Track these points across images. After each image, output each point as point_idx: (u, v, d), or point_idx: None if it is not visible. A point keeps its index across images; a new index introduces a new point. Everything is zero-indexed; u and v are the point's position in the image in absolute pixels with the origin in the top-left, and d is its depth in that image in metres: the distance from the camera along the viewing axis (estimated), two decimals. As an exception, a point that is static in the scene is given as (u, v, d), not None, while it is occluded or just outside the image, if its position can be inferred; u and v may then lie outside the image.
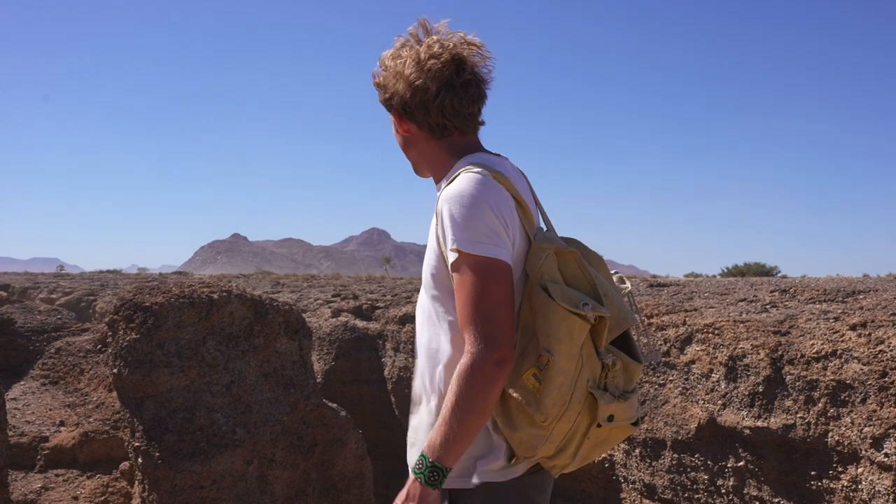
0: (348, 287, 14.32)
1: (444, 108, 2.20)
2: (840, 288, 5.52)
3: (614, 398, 2.10)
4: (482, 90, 2.27)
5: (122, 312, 5.38)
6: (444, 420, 2.01)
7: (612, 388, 2.11)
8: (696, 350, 4.94)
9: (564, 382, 2.02)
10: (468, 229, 2.03)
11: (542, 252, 2.10)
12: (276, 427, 5.48)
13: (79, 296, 18.83)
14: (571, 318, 2.01)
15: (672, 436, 5.00)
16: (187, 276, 25.80)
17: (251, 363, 5.54)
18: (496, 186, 2.10)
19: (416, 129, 2.28)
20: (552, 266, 2.09)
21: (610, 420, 2.10)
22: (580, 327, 2.03)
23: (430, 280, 2.21)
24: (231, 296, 5.62)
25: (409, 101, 2.23)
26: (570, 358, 2.02)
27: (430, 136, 2.28)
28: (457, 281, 2.06)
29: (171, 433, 5.12)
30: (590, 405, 2.08)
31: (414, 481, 2.04)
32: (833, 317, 4.47)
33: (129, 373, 5.17)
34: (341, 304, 11.36)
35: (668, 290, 6.89)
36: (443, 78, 2.18)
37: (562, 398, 2.03)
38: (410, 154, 2.37)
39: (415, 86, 2.20)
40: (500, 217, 2.07)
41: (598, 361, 2.08)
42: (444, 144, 2.29)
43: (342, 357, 10.00)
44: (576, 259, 2.12)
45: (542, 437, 2.05)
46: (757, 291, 5.96)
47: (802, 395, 4.21)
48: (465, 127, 2.27)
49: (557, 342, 2.00)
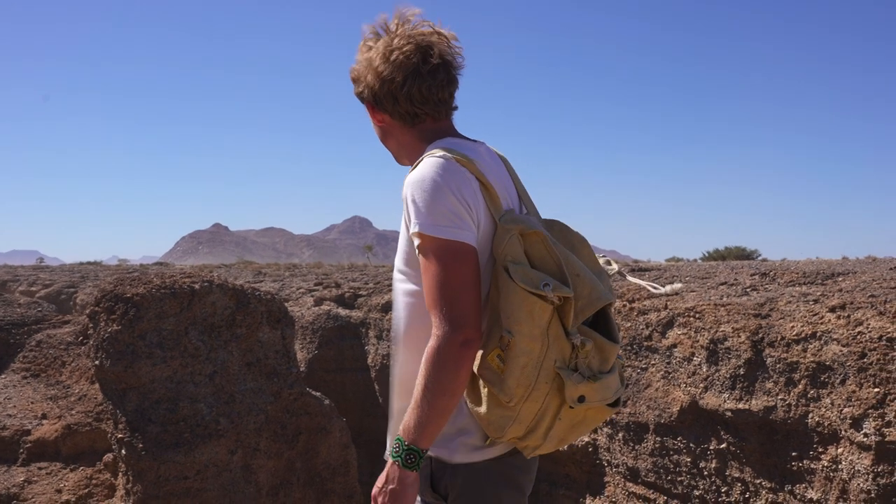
0: (330, 276, 14.29)
1: (412, 95, 2.23)
2: (819, 271, 5.56)
3: (584, 378, 2.09)
4: (452, 75, 2.28)
5: (104, 304, 5.35)
6: (416, 403, 2.02)
7: (584, 368, 2.10)
8: (677, 334, 4.97)
9: (528, 363, 2.03)
10: (430, 213, 2.05)
11: (507, 234, 2.11)
12: (260, 416, 5.47)
13: (59, 288, 18.71)
14: (532, 299, 2.02)
15: (655, 419, 5.03)
16: (168, 266, 25.68)
17: (234, 353, 5.53)
18: (458, 169, 2.11)
19: (389, 118, 2.31)
20: (516, 247, 2.09)
21: (581, 401, 2.09)
22: (541, 308, 2.03)
23: (402, 265, 2.24)
24: (213, 286, 5.60)
25: (378, 92, 2.26)
26: (532, 339, 2.03)
27: (403, 125, 2.31)
28: (422, 265, 2.08)
29: (155, 424, 5.10)
30: (559, 386, 2.09)
31: (392, 464, 2.05)
32: (812, 299, 4.50)
33: (111, 364, 5.15)
34: (324, 292, 11.34)
35: (649, 274, 6.92)
36: (409, 66, 2.20)
37: (526, 379, 2.04)
38: (389, 144, 2.40)
39: (382, 76, 2.22)
40: (462, 200, 2.08)
41: (567, 342, 2.08)
42: (417, 132, 2.31)
43: (325, 346, 9.99)
44: (542, 239, 2.12)
45: (510, 417, 2.07)
46: (737, 275, 6.00)
47: (783, 378, 4.24)
48: (437, 113, 2.29)
49: (517, 323, 2.02)
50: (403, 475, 2.03)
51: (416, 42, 2.22)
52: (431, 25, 2.28)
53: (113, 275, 15.74)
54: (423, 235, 2.05)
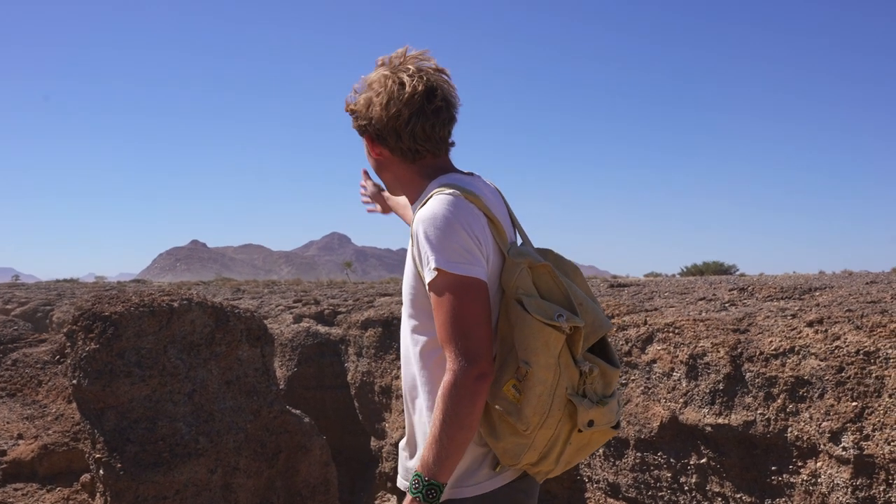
0: (310, 292, 14.24)
1: (415, 133, 2.26)
2: (797, 285, 5.60)
3: (593, 404, 2.16)
4: (452, 114, 2.33)
5: (81, 322, 5.31)
6: (434, 438, 2.05)
7: (591, 393, 2.18)
8: (657, 349, 4.98)
9: (543, 392, 2.08)
10: (444, 250, 2.09)
11: (517, 267, 2.17)
12: (240, 435, 5.43)
13: (35, 306, 18.51)
14: (547, 330, 2.08)
15: (635, 435, 5.04)
16: (146, 283, 25.51)
17: (213, 371, 5.49)
18: (468, 206, 2.15)
19: (389, 153, 2.34)
20: (526, 280, 2.15)
21: (590, 425, 2.17)
22: (556, 338, 2.09)
23: (409, 301, 2.27)
24: (192, 304, 5.57)
25: (382, 128, 2.28)
26: (547, 368, 2.08)
27: (402, 160, 2.34)
28: (435, 301, 2.12)
29: (133, 444, 5.06)
30: (570, 412, 2.15)
31: (412, 501, 2.08)
32: (790, 314, 4.54)
33: (88, 383, 5.10)
34: (303, 309, 11.29)
35: (628, 290, 6.95)
36: (414, 104, 2.24)
37: (541, 407, 2.09)
38: (384, 176, 2.43)
39: (387, 112, 2.25)
40: (473, 236, 2.12)
41: (575, 369, 2.15)
42: (417, 167, 2.34)
43: (305, 363, 9.94)
44: (549, 272, 2.19)
45: (525, 445, 2.12)
46: (716, 290, 6.03)
47: (762, 392, 4.26)
48: (437, 150, 2.33)
49: (534, 354, 2.07)
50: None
51: (422, 81, 2.25)
52: (435, 64, 2.32)
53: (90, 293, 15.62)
54: (438, 271, 2.08)
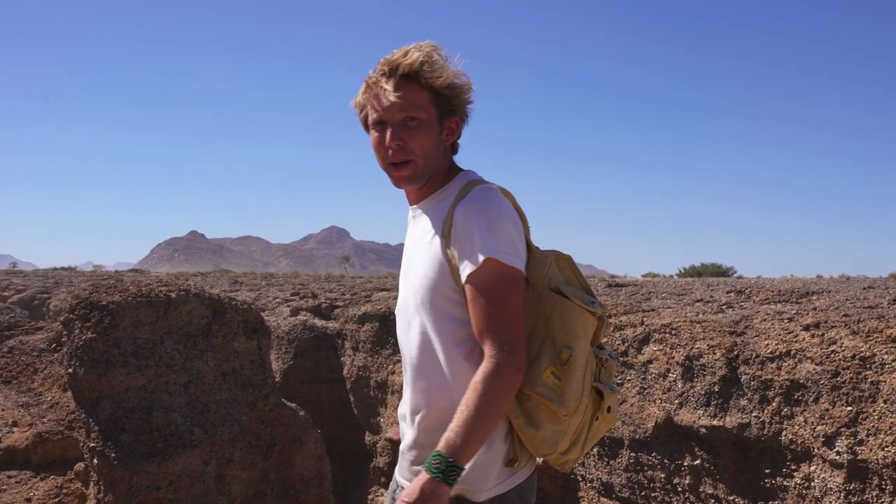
0: (307, 286, 14.24)
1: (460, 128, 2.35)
2: (794, 289, 5.61)
3: (612, 391, 2.26)
4: None
5: (78, 311, 5.31)
6: (465, 422, 2.05)
7: (607, 381, 2.28)
8: (653, 350, 4.99)
9: (581, 377, 2.16)
10: (496, 240, 2.12)
11: (546, 259, 2.23)
12: (235, 427, 5.44)
13: (32, 293, 18.50)
14: (586, 315, 2.17)
15: (629, 435, 5.04)
16: (144, 273, 25.48)
17: (209, 363, 5.50)
18: (506, 200, 2.22)
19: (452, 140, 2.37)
20: (555, 271, 2.23)
21: (608, 411, 2.26)
22: (592, 323, 2.19)
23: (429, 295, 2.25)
24: (189, 295, 5.57)
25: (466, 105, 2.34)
26: (584, 353, 2.17)
27: (447, 150, 2.37)
28: (476, 290, 2.13)
29: (128, 433, 5.06)
30: (592, 399, 2.23)
31: (429, 480, 2.05)
32: (787, 317, 4.54)
33: (84, 372, 5.10)
34: (300, 302, 11.30)
35: (626, 290, 6.95)
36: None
37: (579, 392, 2.17)
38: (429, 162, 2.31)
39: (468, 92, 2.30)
40: (517, 229, 2.19)
41: (594, 358, 2.24)
42: (450, 160, 2.39)
43: (301, 356, 9.95)
44: (570, 264, 2.29)
45: (562, 432, 2.17)
46: (713, 292, 6.03)
47: (757, 395, 4.27)
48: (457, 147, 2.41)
49: (576, 339, 2.14)
50: (441, 491, 2.04)
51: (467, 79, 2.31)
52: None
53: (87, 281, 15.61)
54: (490, 259, 2.10)
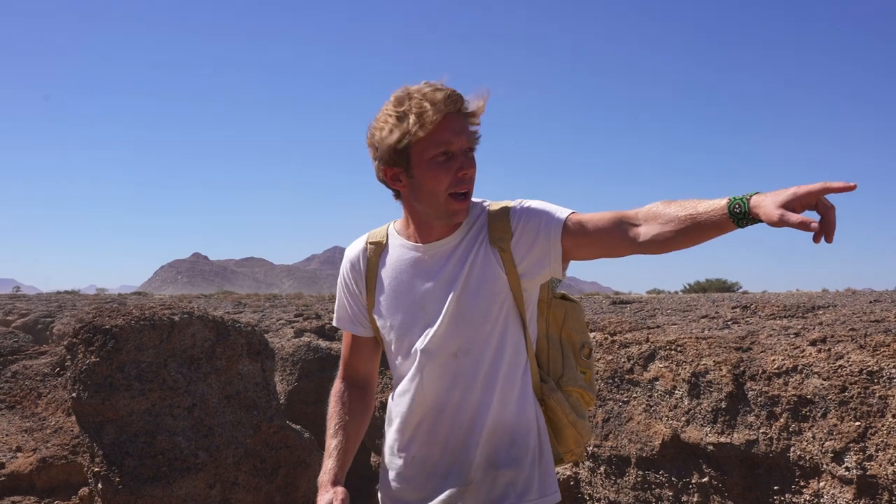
0: (311, 307, 14.24)
1: None
2: (800, 304, 5.60)
3: None
4: None
5: (82, 335, 5.31)
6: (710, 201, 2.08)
7: None
8: (659, 367, 4.98)
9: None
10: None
11: None
12: (239, 450, 5.43)
13: (36, 317, 18.50)
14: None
15: (636, 453, 5.03)
16: (147, 296, 25.48)
17: (213, 385, 5.49)
18: None
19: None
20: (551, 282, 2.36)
21: None
22: None
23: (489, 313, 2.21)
24: (192, 317, 5.58)
25: None
26: None
27: None
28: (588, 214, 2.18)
29: (132, 457, 5.05)
30: None
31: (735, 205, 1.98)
32: (793, 332, 4.53)
33: (88, 396, 5.10)
34: (304, 323, 11.29)
35: (630, 307, 6.95)
36: None
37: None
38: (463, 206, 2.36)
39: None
40: None
41: None
42: None
43: (305, 378, 9.93)
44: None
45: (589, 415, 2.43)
46: (718, 308, 6.03)
47: (764, 411, 4.26)
48: None
49: (587, 334, 2.33)
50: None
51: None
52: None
53: (91, 305, 15.64)
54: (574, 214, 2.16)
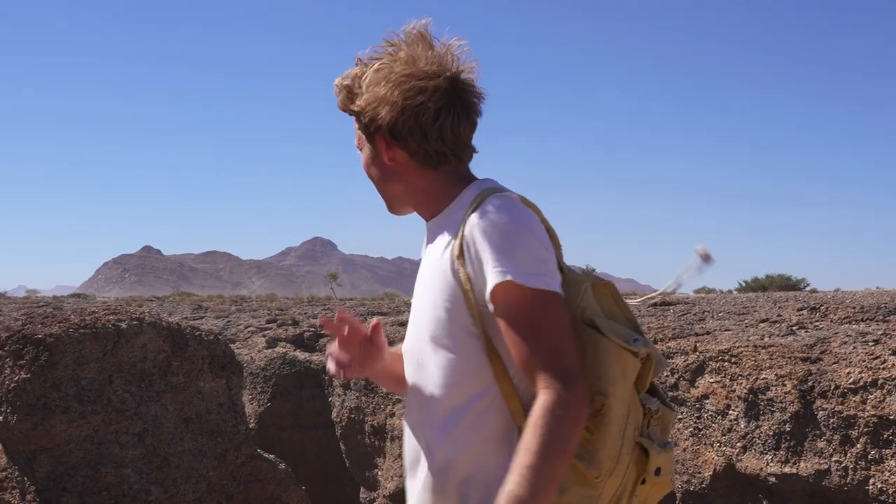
0: (286, 311, 14.26)
1: (444, 132, 2.21)
2: (880, 304, 5.59)
3: (661, 448, 2.14)
4: (479, 112, 2.29)
5: (9, 347, 5.31)
6: (528, 467, 1.97)
7: (656, 436, 2.16)
8: (709, 382, 4.98)
9: (618, 431, 2.06)
10: (519, 260, 2.05)
11: (581, 285, 2.15)
12: (201, 484, 5.43)
13: (-47, 326, 18.53)
14: (625, 356, 2.06)
15: (682, 486, 5.03)
16: (88, 298, 25.51)
17: (168, 407, 5.50)
18: (531, 212, 2.15)
19: (407, 157, 2.27)
20: (592, 301, 2.14)
21: (657, 473, 2.14)
22: (633, 366, 2.08)
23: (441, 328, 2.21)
24: (143, 325, 5.58)
25: (402, 125, 2.21)
26: (622, 402, 2.07)
27: (422, 167, 2.27)
28: (510, 320, 2.07)
29: (71, 494, 5.06)
30: (637, 457, 2.12)
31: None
32: (872, 339, 4.53)
33: (17, 421, 5.11)
34: (278, 331, 11.31)
35: (674, 309, 6.94)
36: (443, 96, 2.19)
37: (616, 449, 2.06)
38: (393, 188, 2.34)
39: (408, 106, 2.18)
40: (544, 244, 2.11)
41: (640, 407, 2.13)
42: (440, 174, 2.28)
43: (280, 397, 9.96)
44: (611, 292, 2.19)
45: (593, 497, 2.07)
46: (781, 310, 6.03)
47: (838, 435, 4.26)
48: (463, 154, 2.29)
49: (611, 384, 2.05)
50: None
51: (453, 66, 2.21)
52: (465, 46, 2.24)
53: (20, 310, 15.66)
54: (512, 285, 2.04)
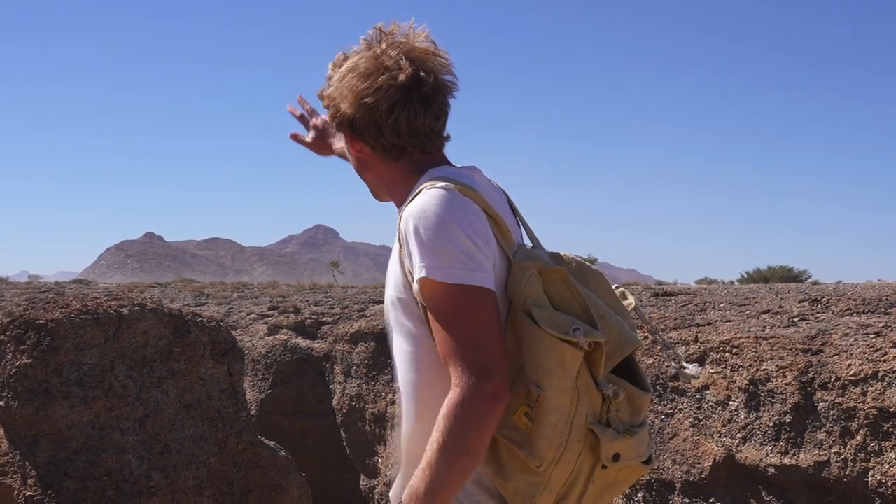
0: (288, 298, 14.27)
1: (399, 127, 2.22)
2: (882, 297, 5.59)
3: (619, 434, 2.14)
4: (445, 103, 2.29)
5: (11, 332, 5.32)
6: (429, 464, 2.03)
7: (616, 422, 2.15)
8: (709, 373, 4.98)
9: (559, 420, 2.06)
10: (437, 254, 2.06)
11: (524, 272, 2.14)
12: (201, 470, 5.44)
13: (-45, 310, 18.55)
14: (561, 346, 2.05)
15: (682, 476, 5.04)
16: (90, 285, 25.54)
17: (170, 393, 5.51)
18: (464, 201, 2.13)
19: (370, 150, 2.31)
20: (536, 288, 2.12)
21: (615, 459, 2.14)
22: (572, 356, 2.06)
23: (396, 313, 2.25)
24: (145, 310, 5.58)
25: (358, 121, 2.25)
26: (563, 392, 2.06)
27: (385, 158, 2.31)
28: (432, 314, 2.09)
29: (72, 479, 5.07)
30: (592, 444, 2.12)
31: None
32: (874, 332, 4.53)
33: (18, 406, 5.12)
34: (280, 318, 11.32)
35: (675, 300, 6.95)
36: (396, 93, 2.20)
37: (557, 438, 2.06)
38: (366, 176, 2.42)
39: (363, 103, 2.22)
40: (472, 236, 2.09)
41: (597, 393, 2.12)
42: (402, 164, 2.31)
43: (281, 384, 9.97)
44: (563, 278, 2.15)
45: (539, 484, 2.08)
46: (783, 301, 6.03)
47: (838, 427, 4.26)
48: (427, 145, 2.29)
49: (547, 375, 2.04)
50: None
51: (407, 61, 2.20)
52: (428, 38, 2.26)
53: (22, 295, 15.66)
54: (428, 281, 2.06)
